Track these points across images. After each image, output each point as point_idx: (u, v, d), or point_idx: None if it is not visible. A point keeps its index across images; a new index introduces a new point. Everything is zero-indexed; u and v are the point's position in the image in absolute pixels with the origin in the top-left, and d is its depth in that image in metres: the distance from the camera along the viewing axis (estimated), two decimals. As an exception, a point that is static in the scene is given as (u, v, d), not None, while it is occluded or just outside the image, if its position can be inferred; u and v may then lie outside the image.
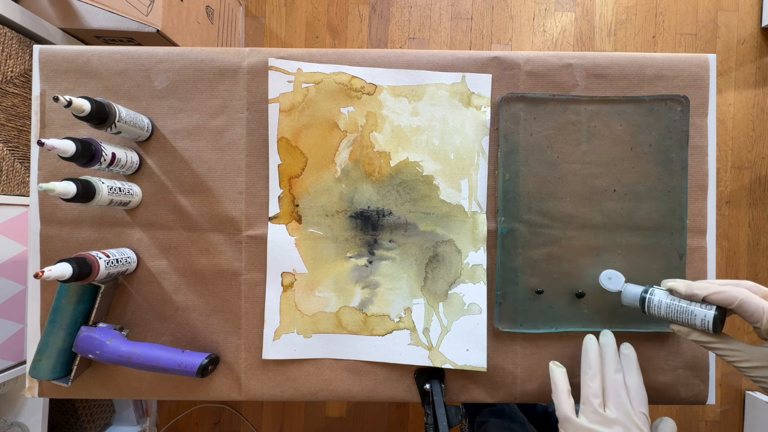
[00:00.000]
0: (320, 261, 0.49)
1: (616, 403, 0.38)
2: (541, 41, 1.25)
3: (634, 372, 0.40)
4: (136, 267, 0.49)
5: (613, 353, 0.41)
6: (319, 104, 0.48)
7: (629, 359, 0.41)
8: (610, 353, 0.41)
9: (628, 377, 0.40)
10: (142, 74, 0.49)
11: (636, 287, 0.42)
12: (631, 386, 0.39)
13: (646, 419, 0.38)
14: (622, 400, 0.38)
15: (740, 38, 1.23)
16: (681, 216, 0.47)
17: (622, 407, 0.38)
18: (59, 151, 0.38)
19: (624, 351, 0.42)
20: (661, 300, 0.39)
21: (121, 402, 1.08)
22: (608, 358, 0.41)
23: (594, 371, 0.40)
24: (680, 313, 0.37)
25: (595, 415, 0.38)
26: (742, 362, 0.35)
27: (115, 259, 0.44)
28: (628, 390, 0.39)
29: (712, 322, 0.35)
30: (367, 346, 0.48)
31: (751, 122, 1.22)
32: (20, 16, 0.74)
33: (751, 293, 0.34)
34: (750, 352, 0.35)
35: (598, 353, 0.41)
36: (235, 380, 0.49)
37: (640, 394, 0.39)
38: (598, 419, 0.38)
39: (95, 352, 0.43)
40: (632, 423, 0.37)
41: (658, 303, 0.39)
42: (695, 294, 0.36)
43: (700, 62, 0.48)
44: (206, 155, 0.49)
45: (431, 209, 0.48)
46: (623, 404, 0.38)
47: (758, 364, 0.34)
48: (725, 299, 0.35)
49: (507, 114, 0.48)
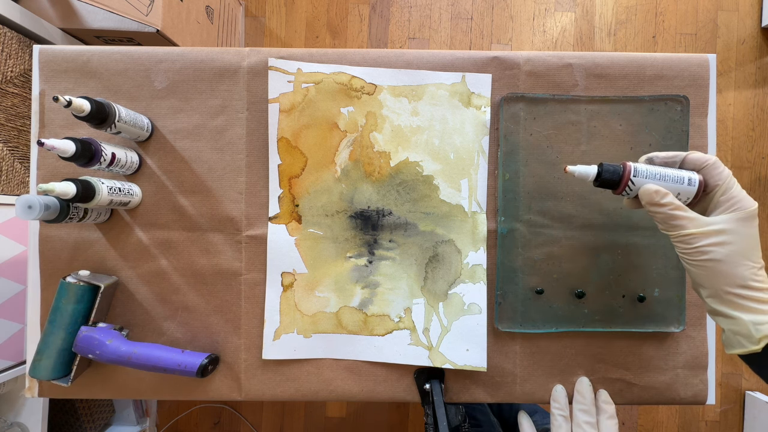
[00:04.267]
0: (320, 261, 0.49)
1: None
2: (541, 41, 1.25)
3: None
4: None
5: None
6: (319, 104, 0.48)
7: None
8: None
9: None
10: (142, 74, 0.49)
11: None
12: None
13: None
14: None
15: (740, 38, 1.23)
16: (681, 216, 0.47)
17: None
18: (59, 151, 0.38)
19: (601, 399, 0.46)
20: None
21: (121, 402, 1.08)
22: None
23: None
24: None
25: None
26: (698, 228, 0.34)
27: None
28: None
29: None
30: (367, 346, 0.48)
31: (751, 122, 1.22)
32: (20, 16, 0.74)
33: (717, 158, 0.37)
34: (705, 219, 0.35)
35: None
36: (235, 380, 0.49)
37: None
38: None
39: (95, 352, 0.43)
40: None
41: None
42: (677, 155, 0.38)
43: (700, 62, 0.48)
44: (206, 155, 0.49)
45: (431, 209, 0.48)
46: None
47: (715, 228, 0.34)
48: (701, 157, 0.37)
49: (507, 114, 0.48)
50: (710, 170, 0.36)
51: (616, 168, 0.37)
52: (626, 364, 0.48)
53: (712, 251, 0.34)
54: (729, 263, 0.33)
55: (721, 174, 0.36)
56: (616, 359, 0.48)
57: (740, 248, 0.34)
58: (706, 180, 0.36)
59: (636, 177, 0.37)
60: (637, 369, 0.48)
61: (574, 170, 0.38)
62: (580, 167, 0.38)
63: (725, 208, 0.35)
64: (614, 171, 0.37)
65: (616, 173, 0.37)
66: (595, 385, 0.48)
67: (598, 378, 0.48)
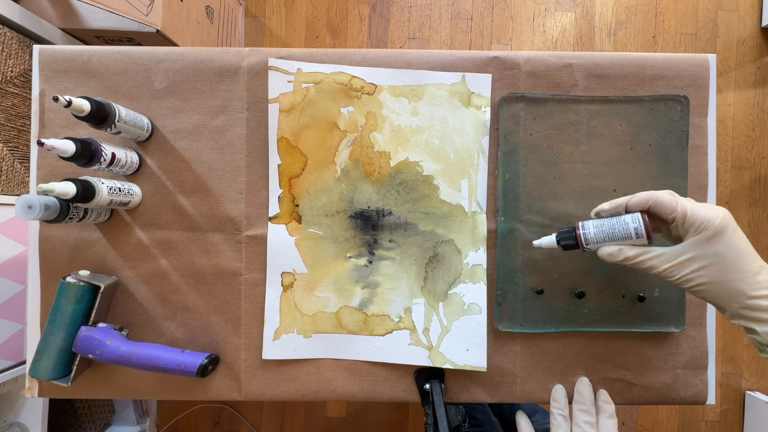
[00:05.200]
0: (320, 261, 0.49)
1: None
2: (541, 41, 1.25)
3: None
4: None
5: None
6: (319, 104, 0.48)
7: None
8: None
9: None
10: (142, 74, 0.49)
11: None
12: None
13: None
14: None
15: (740, 38, 1.23)
16: (681, 216, 0.47)
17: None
18: (59, 151, 0.38)
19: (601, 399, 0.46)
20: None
21: (121, 402, 1.08)
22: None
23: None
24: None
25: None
26: (670, 263, 0.35)
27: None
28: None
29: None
30: (367, 346, 0.48)
31: (751, 122, 1.22)
32: (20, 16, 0.74)
33: (663, 192, 0.36)
34: (673, 251, 0.35)
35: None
36: (235, 380, 0.49)
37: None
38: None
39: (95, 352, 0.43)
40: None
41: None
42: (619, 204, 0.38)
43: (700, 62, 0.48)
44: (206, 155, 0.49)
45: (431, 209, 0.48)
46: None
47: (685, 258, 0.34)
48: (641, 199, 0.36)
49: (507, 114, 0.48)
50: (657, 209, 0.36)
51: (570, 235, 0.40)
52: (626, 364, 0.48)
53: (694, 278, 0.34)
54: (719, 282, 0.33)
55: (668, 207, 0.35)
56: (616, 359, 0.48)
57: (721, 266, 0.33)
58: (660, 216, 0.36)
59: (589, 245, 0.39)
60: (637, 369, 0.48)
61: (539, 244, 0.42)
62: (543, 239, 0.42)
63: (691, 233, 0.34)
64: (569, 237, 0.40)
65: (572, 240, 0.40)
66: (595, 385, 0.48)
67: (598, 378, 0.48)
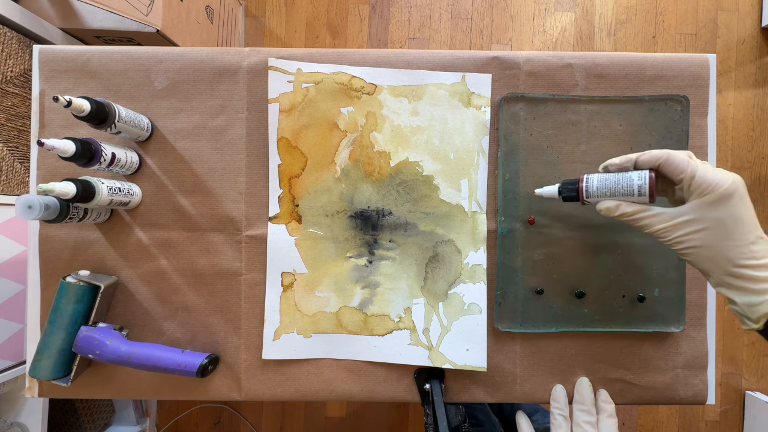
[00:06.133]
0: (320, 261, 0.49)
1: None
2: (541, 41, 1.25)
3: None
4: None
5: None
6: (319, 104, 0.48)
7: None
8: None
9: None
10: (142, 74, 0.49)
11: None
12: None
13: None
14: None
15: (740, 38, 1.23)
16: (681, 216, 0.47)
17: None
18: (59, 151, 0.38)
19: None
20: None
21: (121, 402, 1.08)
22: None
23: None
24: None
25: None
26: (666, 223, 0.35)
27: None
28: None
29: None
30: (367, 346, 0.48)
31: (751, 122, 1.22)
32: (20, 16, 0.74)
33: (680, 151, 0.36)
34: (672, 212, 0.35)
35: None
36: (235, 380, 0.49)
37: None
38: None
39: (95, 352, 0.43)
40: None
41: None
42: (629, 159, 0.37)
43: (700, 62, 0.48)
44: (206, 155, 0.49)
45: (431, 209, 0.48)
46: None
47: (682, 219, 0.34)
48: (652, 156, 0.36)
49: (507, 114, 0.48)
50: (666, 167, 0.35)
51: (573, 185, 0.40)
52: (626, 364, 0.48)
53: (688, 240, 0.34)
54: (710, 247, 0.33)
55: (678, 166, 0.35)
56: (616, 359, 0.48)
57: (718, 231, 0.33)
58: (669, 175, 0.36)
59: (590, 198, 0.39)
60: (637, 369, 0.48)
61: (540, 192, 0.43)
62: (545, 188, 0.42)
63: (695, 195, 0.34)
64: (571, 188, 0.40)
65: (573, 190, 0.40)
66: (595, 385, 0.48)
67: (598, 378, 0.48)
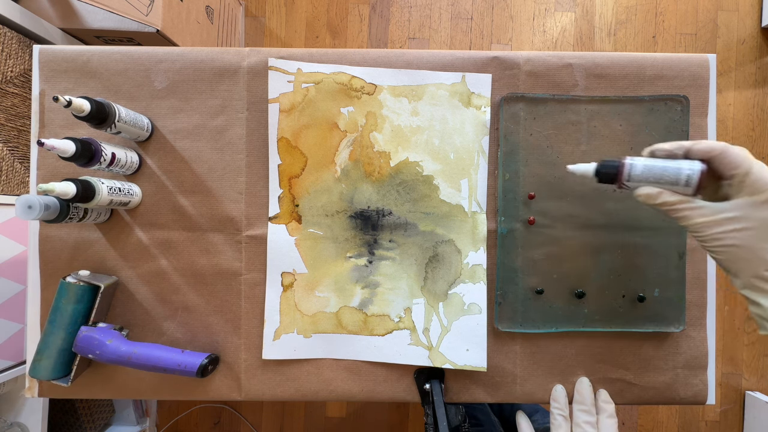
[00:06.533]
0: (320, 261, 0.49)
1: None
2: (541, 41, 1.25)
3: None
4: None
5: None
6: (319, 104, 0.48)
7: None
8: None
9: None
10: (142, 74, 0.49)
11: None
12: None
13: None
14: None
15: (740, 38, 1.23)
16: (681, 216, 0.47)
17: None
18: (59, 151, 0.38)
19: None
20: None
21: (121, 402, 1.08)
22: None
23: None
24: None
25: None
26: (707, 217, 0.33)
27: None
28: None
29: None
30: (367, 346, 0.48)
31: (751, 122, 1.22)
32: (20, 16, 0.74)
33: (738, 147, 0.34)
34: (715, 207, 0.34)
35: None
36: (235, 380, 0.49)
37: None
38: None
39: (95, 352, 0.43)
40: None
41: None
42: (681, 146, 0.35)
43: (700, 62, 0.48)
44: (206, 155, 0.49)
45: (431, 209, 0.48)
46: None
47: (726, 216, 0.33)
48: (708, 146, 0.34)
49: (507, 114, 0.48)
50: (720, 160, 0.34)
51: (613, 166, 0.37)
52: (626, 364, 0.48)
53: (727, 237, 0.33)
54: (748, 248, 0.32)
55: (733, 161, 0.33)
56: (616, 359, 0.48)
57: (761, 232, 0.32)
58: (719, 170, 0.34)
59: (629, 181, 0.36)
60: (637, 369, 0.48)
61: (574, 169, 0.38)
62: (580, 166, 0.38)
63: (745, 193, 0.33)
64: (611, 168, 0.37)
65: (612, 170, 0.37)
66: (595, 385, 0.48)
67: (598, 378, 0.48)
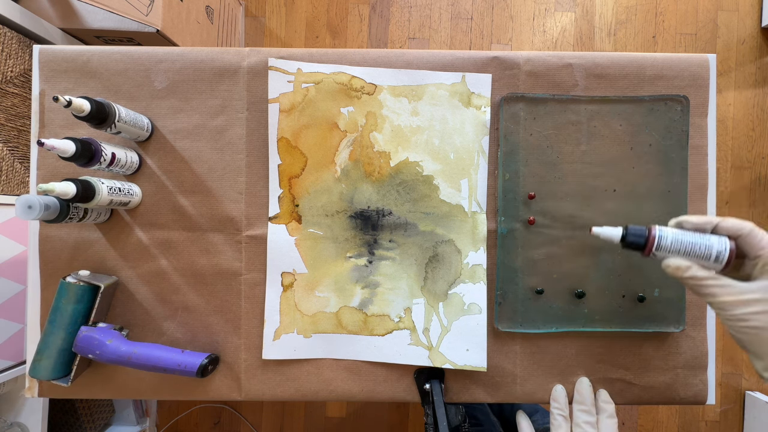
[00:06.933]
0: (320, 261, 0.49)
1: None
2: (541, 41, 1.25)
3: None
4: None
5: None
6: (319, 104, 0.48)
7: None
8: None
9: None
10: (142, 74, 0.49)
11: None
12: None
13: None
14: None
15: (740, 38, 1.23)
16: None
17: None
18: (59, 151, 0.38)
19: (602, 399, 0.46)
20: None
21: (121, 402, 1.08)
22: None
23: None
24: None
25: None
26: (734, 296, 0.33)
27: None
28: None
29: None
30: (367, 346, 0.48)
31: (751, 122, 1.22)
32: (20, 16, 0.74)
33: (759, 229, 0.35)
34: (741, 287, 0.33)
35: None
36: (235, 380, 0.49)
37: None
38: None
39: (95, 352, 0.43)
40: None
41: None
42: (709, 222, 0.35)
43: (700, 62, 0.48)
44: (206, 155, 0.49)
45: (431, 209, 0.48)
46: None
47: (752, 297, 0.32)
48: (736, 225, 0.34)
49: (507, 114, 0.48)
50: (747, 240, 0.34)
51: (641, 234, 0.36)
52: (626, 364, 0.48)
53: (752, 319, 0.32)
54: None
55: (759, 242, 0.33)
56: (616, 359, 0.48)
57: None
58: (744, 249, 0.34)
59: (658, 251, 0.36)
60: (637, 369, 0.48)
61: (599, 232, 0.38)
62: (606, 229, 0.38)
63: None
64: (639, 236, 0.36)
65: (641, 239, 0.36)
66: (595, 385, 0.48)
67: (598, 378, 0.48)
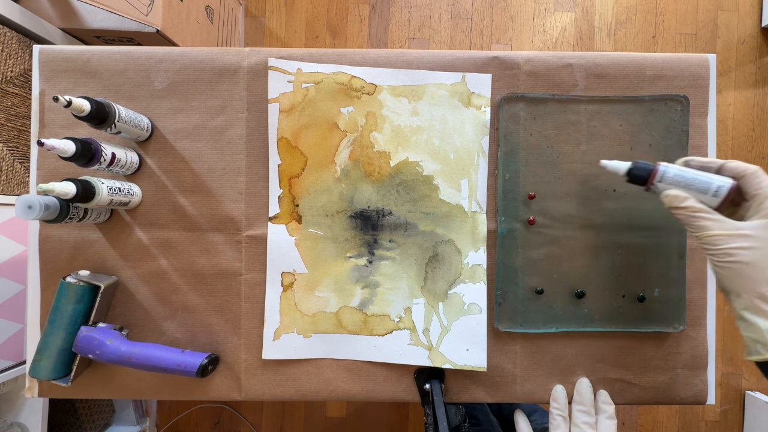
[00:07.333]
0: (320, 261, 0.49)
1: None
2: (541, 41, 1.25)
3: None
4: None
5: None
6: (319, 104, 0.48)
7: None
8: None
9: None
10: (141, 74, 0.49)
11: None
12: None
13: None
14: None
15: (740, 38, 1.23)
16: (681, 216, 0.47)
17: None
18: (59, 151, 0.38)
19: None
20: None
21: (121, 402, 1.08)
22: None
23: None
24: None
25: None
26: (724, 231, 0.34)
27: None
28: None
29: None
30: (367, 346, 0.48)
31: (751, 122, 1.22)
32: (20, 16, 0.74)
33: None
34: (733, 223, 0.35)
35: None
36: (235, 380, 0.49)
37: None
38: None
39: (95, 352, 0.43)
40: None
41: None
42: (715, 162, 0.37)
43: (700, 62, 0.48)
44: (206, 155, 0.49)
45: (431, 209, 0.48)
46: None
47: (742, 233, 0.34)
48: (739, 166, 0.36)
49: (507, 114, 0.48)
50: (750, 179, 0.36)
51: (647, 168, 0.38)
52: (626, 364, 0.48)
53: (738, 254, 0.34)
54: (755, 267, 0.33)
55: (761, 183, 0.35)
56: (616, 359, 0.48)
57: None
58: (746, 189, 0.36)
59: (659, 182, 0.38)
60: (637, 369, 0.48)
61: (607, 164, 0.40)
62: (614, 162, 0.40)
63: (763, 215, 0.34)
64: (644, 170, 0.39)
65: (645, 173, 0.38)
66: (595, 385, 0.48)
67: (598, 378, 0.48)
